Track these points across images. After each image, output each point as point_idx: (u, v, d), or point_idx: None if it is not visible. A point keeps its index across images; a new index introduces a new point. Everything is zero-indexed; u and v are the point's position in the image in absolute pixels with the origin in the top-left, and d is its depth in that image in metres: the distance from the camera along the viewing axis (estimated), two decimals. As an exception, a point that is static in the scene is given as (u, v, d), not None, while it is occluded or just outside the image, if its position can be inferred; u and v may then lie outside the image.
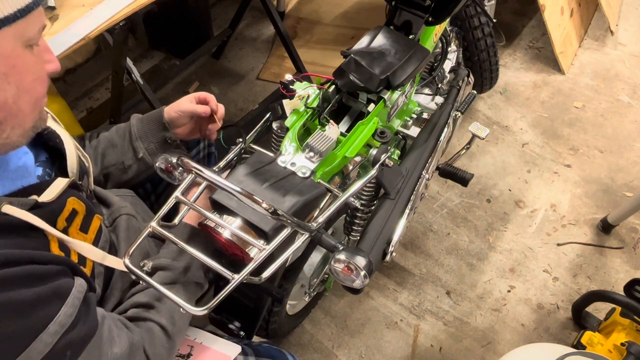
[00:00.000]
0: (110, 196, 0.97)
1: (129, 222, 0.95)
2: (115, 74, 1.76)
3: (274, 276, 1.14)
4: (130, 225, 0.94)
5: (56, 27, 1.29)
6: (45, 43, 0.69)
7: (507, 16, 2.72)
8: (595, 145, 2.16)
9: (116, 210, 0.95)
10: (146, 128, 1.08)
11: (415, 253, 1.85)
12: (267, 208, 0.84)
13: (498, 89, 2.35)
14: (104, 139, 1.09)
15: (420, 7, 1.37)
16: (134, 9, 1.37)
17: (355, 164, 1.33)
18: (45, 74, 0.69)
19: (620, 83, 2.40)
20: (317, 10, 2.68)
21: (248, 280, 0.84)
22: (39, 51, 0.67)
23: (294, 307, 1.52)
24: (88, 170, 0.90)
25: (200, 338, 0.98)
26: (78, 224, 0.78)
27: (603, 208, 1.96)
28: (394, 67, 1.23)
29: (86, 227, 0.80)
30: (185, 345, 0.97)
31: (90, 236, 0.80)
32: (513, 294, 1.74)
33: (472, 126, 1.47)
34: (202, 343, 0.97)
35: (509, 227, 1.91)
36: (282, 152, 1.09)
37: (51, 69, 0.71)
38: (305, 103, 1.18)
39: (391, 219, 1.18)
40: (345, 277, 0.96)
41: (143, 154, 1.06)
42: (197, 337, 0.99)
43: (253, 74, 2.50)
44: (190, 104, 1.07)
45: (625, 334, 1.42)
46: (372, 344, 1.64)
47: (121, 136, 1.08)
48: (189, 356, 0.95)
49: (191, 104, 1.07)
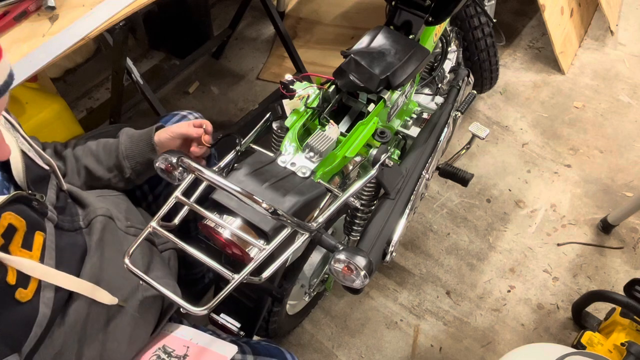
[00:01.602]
0: (86, 196, 0.95)
1: (105, 224, 0.92)
2: (115, 74, 1.76)
3: (274, 276, 1.14)
4: (107, 227, 0.92)
5: (56, 27, 1.29)
6: None
7: (507, 16, 2.72)
8: (595, 145, 2.16)
9: (92, 212, 0.92)
10: (135, 148, 1.06)
11: (415, 253, 1.85)
12: (267, 208, 0.85)
13: (498, 89, 2.35)
14: (88, 153, 1.07)
15: (420, 7, 1.36)
16: (134, 9, 1.37)
17: (355, 164, 1.33)
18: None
19: (620, 83, 2.40)
20: (317, 10, 2.68)
21: (248, 280, 0.84)
22: None
23: (294, 307, 1.52)
24: (50, 174, 0.87)
25: (196, 338, 0.97)
26: (19, 242, 0.73)
27: (603, 208, 1.96)
28: (394, 67, 1.23)
29: (29, 244, 0.75)
30: (181, 345, 0.96)
31: (35, 253, 0.75)
32: (513, 294, 1.74)
33: (472, 126, 1.47)
34: (198, 343, 0.96)
35: (509, 227, 1.91)
36: (282, 152, 1.09)
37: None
38: (305, 103, 1.18)
39: (391, 219, 1.18)
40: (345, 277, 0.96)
41: (130, 174, 1.05)
42: (194, 337, 0.98)
43: (253, 74, 2.50)
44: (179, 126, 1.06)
45: (625, 334, 1.42)
46: (372, 344, 1.64)
47: (107, 152, 1.07)
48: (185, 357, 0.94)
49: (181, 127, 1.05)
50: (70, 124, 1.82)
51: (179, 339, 0.97)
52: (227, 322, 1.15)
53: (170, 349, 0.95)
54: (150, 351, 0.95)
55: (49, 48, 1.25)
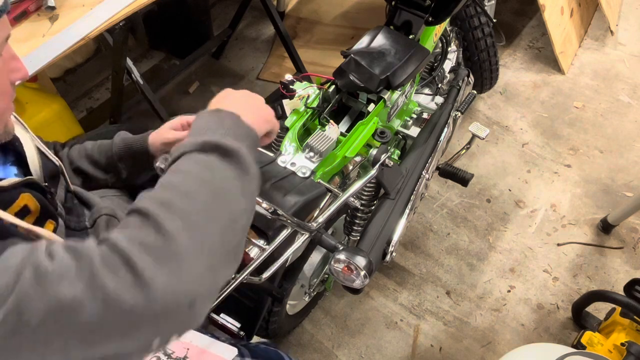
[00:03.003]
0: (92, 197, 0.96)
1: (109, 222, 0.93)
2: (115, 74, 1.76)
3: (274, 276, 1.14)
4: (110, 225, 0.93)
5: (56, 27, 1.29)
6: (11, 52, 0.65)
7: (507, 16, 2.72)
8: (595, 145, 2.16)
9: (96, 211, 0.93)
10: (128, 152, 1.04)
11: (415, 253, 1.85)
12: (267, 208, 0.85)
13: (498, 89, 2.35)
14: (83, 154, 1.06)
15: (420, 7, 1.37)
16: (134, 9, 1.37)
17: (355, 164, 1.33)
18: (8, 86, 0.66)
19: (620, 83, 2.40)
20: (317, 10, 2.68)
21: (248, 280, 0.84)
22: (2, 62, 0.63)
23: (294, 307, 1.52)
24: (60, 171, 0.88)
25: (196, 341, 0.98)
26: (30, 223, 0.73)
27: (603, 208, 1.96)
28: (394, 67, 1.23)
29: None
30: (181, 347, 0.96)
31: None
32: (513, 294, 1.74)
33: (472, 126, 1.47)
34: (197, 346, 0.97)
35: (509, 227, 1.91)
36: (282, 152, 1.09)
37: (17, 77, 0.67)
38: (305, 103, 1.19)
39: (391, 219, 1.18)
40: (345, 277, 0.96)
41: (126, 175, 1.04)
42: (193, 339, 0.98)
43: (253, 74, 2.50)
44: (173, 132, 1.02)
45: (625, 334, 1.42)
46: (372, 344, 1.64)
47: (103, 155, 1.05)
48: (184, 359, 0.94)
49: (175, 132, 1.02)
50: (70, 124, 1.82)
51: (178, 340, 0.98)
52: (227, 322, 1.15)
53: (169, 351, 0.95)
54: None
55: (49, 48, 1.25)
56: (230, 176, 0.61)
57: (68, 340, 0.49)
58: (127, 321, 0.49)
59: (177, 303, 0.50)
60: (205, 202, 0.57)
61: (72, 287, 0.48)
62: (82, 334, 0.49)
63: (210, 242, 0.54)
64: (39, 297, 0.48)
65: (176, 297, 0.50)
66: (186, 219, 0.54)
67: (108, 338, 0.50)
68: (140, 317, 0.49)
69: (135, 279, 0.49)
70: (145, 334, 0.51)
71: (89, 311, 0.48)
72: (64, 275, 0.49)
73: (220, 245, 0.55)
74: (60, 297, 0.48)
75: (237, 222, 0.59)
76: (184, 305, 0.51)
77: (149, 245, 0.51)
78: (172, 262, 0.51)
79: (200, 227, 0.54)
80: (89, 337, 0.49)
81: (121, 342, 0.51)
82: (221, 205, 0.58)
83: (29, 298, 0.48)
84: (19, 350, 0.48)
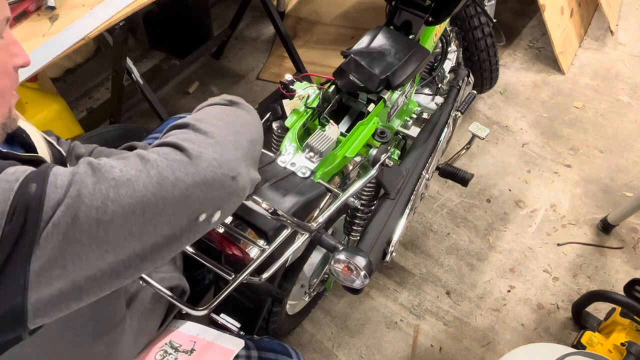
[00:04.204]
0: None
1: None
2: (115, 74, 1.76)
3: (274, 276, 1.14)
4: None
5: (56, 27, 1.29)
6: (11, 36, 0.66)
7: (507, 16, 2.72)
8: (595, 145, 2.16)
9: None
10: None
11: (415, 253, 1.85)
12: (267, 208, 0.85)
13: (498, 89, 2.35)
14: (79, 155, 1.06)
15: (420, 7, 1.37)
16: (134, 9, 1.37)
17: (355, 164, 1.33)
18: (10, 67, 0.66)
19: (620, 83, 2.40)
20: (317, 10, 2.68)
21: (248, 280, 0.84)
22: (4, 44, 0.64)
23: (294, 307, 1.52)
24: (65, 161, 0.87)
25: (203, 334, 0.99)
26: None
27: (603, 208, 1.96)
28: (394, 67, 1.23)
29: None
30: (188, 340, 0.97)
31: None
32: (513, 294, 1.74)
33: (472, 126, 1.47)
34: (205, 338, 0.98)
35: (509, 227, 1.91)
36: (282, 152, 1.09)
37: (19, 63, 0.67)
38: (305, 103, 1.19)
39: (391, 219, 1.18)
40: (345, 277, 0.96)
41: None
42: (200, 332, 0.99)
43: (253, 74, 2.50)
44: None
45: (625, 334, 1.42)
46: (372, 344, 1.64)
47: None
48: (192, 351, 0.95)
49: None
50: (70, 124, 1.82)
51: (185, 334, 0.99)
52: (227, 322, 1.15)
53: (177, 344, 0.96)
54: (157, 346, 0.96)
55: (49, 48, 1.25)
56: (241, 111, 0.74)
57: (126, 221, 0.53)
58: (178, 193, 0.55)
59: (223, 172, 0.58)
60: (231, 122, 0.68)
61: (126, 170, 0.54)
62: (138, 212, 0.54)
63: (239, 142, 0.65)
64: (94, 183, 0.53)
65: (221, 168, 0.58)
66: (216, 126, 0.64)
67: (161, 215, 0.55)
68: (190, 186, 0.56)
69: (185, 155, 0.57)
70: (194, 206, 0.57)
71: (144, 188, 0.54)
72: (114, 165, 0.55)
73: (247, 149, 0.66)
74: (115, 177, 0.54)
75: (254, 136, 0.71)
76: (228, 176, 0.59)
77: (192, 139, 0.60)
78: (215, 146, 0.60)
79: (229, 133, 0.64)
80: (143, 217, 0.54)
81: (173, 218, 0.56)
82: (241, 122, 0.70)
83: (84, 185, 0.53)
84: (80, 239, 0.52)
